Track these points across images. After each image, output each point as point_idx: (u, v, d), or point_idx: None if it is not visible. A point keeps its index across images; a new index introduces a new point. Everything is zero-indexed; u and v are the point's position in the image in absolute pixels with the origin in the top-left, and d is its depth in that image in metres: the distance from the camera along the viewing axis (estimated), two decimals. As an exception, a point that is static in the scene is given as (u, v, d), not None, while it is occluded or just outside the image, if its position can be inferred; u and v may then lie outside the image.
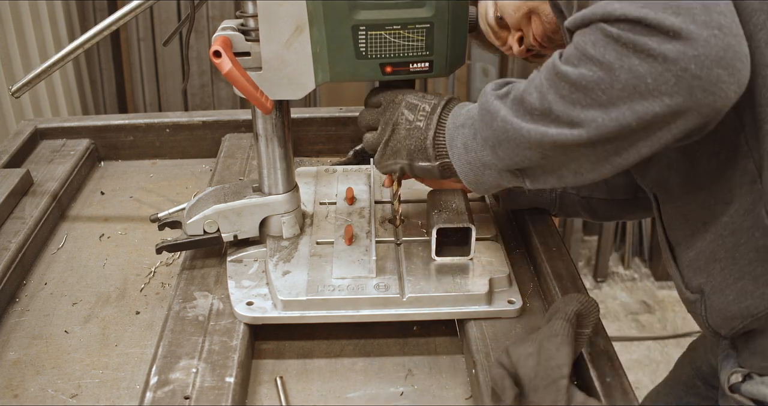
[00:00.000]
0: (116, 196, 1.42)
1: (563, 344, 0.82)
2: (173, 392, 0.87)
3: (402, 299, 0.98)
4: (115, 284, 1.15)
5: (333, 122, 1.54)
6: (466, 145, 0.89)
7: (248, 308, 0.99)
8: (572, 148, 0.78)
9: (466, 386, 0.94)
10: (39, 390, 0.94)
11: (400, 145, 0.95)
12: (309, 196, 1.23)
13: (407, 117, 0.95)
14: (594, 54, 0.73)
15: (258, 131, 1.05)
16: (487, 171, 0.88)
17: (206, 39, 3.00)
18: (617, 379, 0.86)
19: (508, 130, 0.81)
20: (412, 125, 0.94)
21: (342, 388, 0.94)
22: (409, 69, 0.96)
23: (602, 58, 0.72)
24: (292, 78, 0.95)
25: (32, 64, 2.63)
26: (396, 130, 0.95)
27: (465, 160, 0.89)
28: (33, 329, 1.05)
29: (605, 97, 0.73)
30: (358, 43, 0.93)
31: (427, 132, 0.93)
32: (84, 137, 1.52)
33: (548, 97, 0.78)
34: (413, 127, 0.94)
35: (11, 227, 1.21)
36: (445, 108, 0.94)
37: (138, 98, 3.15)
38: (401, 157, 0.95)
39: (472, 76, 3.13)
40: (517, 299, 1.00)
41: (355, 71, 0.95)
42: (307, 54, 0.94)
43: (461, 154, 0.89)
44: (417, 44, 0.94)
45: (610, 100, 0.73)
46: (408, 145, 0.94)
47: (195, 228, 1.09)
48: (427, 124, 0.93)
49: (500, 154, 0.84)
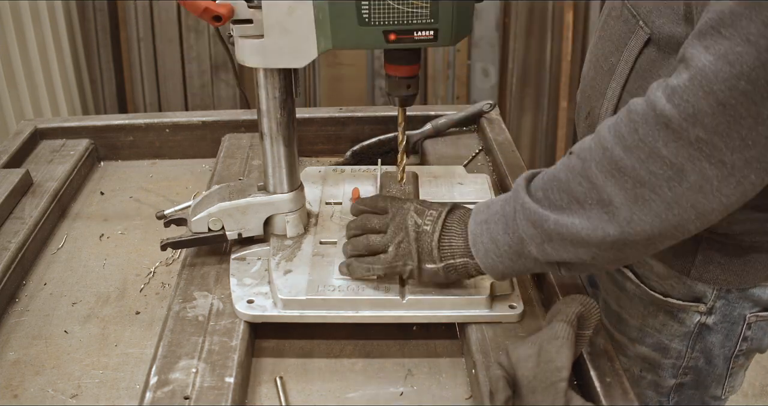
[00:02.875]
0: (116, 196, 1.42)
1: (564, 346, 0.82)
2: (173, 392, 0.87)
3: (402, 301, 0.98)
4: (114, 283, 1.15)
5: (333, 122, 1.54)
6: (495, 240, 0.89)
7: (248, 306, 0.99)
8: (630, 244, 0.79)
9: (466, 386, 0.94)
10: (39, 390, 0.94)
11: (410, 247, 0.96)
12: (315, 196, 1.22)
13: (416, 221, 0.97)
14: (666, 154, 0.74)
15: (263, 130, 1.05)
16: (521, 261, 0.89)
17: (206, 39, 3.01)
18: (617, 379, 0.86)
19: (563, 233, 0.82)
20: (420, 229, 0.96)
21: (342, 388, 0.94)
22: (413, 37, 0.94)
23: (674, 160, 0.74)
24: (295, 45, 0.94)
25: (32, 64, 2.63)
26: (407, 233, 0.97)
27: (495, 254, 0.90)
28: (33, 329, 1.05)
29: (671, 194, 0.75)
30: (361, 9, 0.92)
31: (433, 235, 0.95)
32: (84, 137, 1.52)
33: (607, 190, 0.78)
34: (421, 231, 0.96)
35: (11, 227, 1.21)
36: (450, 213, 0.96)
37: (138, 98, 3.15)
38: (411, 259, 0.96)
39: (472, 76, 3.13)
40: (519, 304, 1.00)
41: (358, 38, 0.94)
42: (310, 21, 0.93)
43: (490, 249, 0.90)
44: (422, 11, 0.92)
45: (675, 197, 0.75)
46: (417, 247, 0.96)
47: (200, 226, 1.09)
48: (434, 228, 0.95)
49: (548, 250, 0.85)
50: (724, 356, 1.10)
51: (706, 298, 1.06)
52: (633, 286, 1.12)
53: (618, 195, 0.77)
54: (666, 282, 1.07)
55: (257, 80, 1.02)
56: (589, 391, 0.87)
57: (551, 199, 0.84)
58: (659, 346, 1.13)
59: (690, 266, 1.03)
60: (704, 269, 1.03)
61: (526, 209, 0.85)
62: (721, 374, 1.12)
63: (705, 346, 1.10)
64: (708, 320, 1.07)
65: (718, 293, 1.05)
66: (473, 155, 1.45)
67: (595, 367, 0.88)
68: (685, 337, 1.10)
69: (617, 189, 0.77)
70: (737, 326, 1.07)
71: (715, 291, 1.05)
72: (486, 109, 1.55)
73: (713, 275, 1.03)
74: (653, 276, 1.08)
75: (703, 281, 1.04)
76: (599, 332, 0.93)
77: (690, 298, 1.07)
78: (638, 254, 0.82)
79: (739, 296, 1.05)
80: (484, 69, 3.11)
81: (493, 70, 3.09)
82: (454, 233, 0.94)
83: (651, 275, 1.09)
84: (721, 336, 1.08)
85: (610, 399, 0.84)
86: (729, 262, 1.02)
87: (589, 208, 0.80)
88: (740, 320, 1.06)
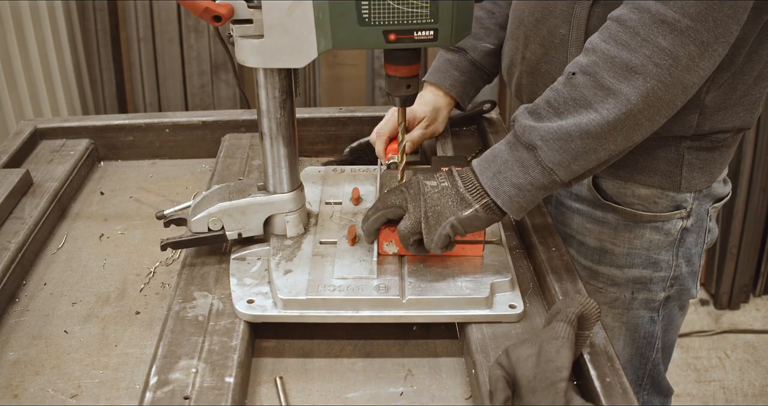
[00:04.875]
0: (116, 196, 1.42)
1: (564, 346, 0.82)
2: (173, 392, 0.87)
3: (402, 301, 0.98)
4: (114, 283, 1.15)
5: (333, 122, 1.54)
6: (516, 185, 0.97)
7: (248, 306, 0.99)
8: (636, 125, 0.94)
9: (466, 386, 0.94)
10: (39, 390, 0.94)
11: (439, 207, 0.99)
12: (315, 196, 1.22)
13: (431, 184, 1.01)
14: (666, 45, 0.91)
15: (263, 130, 1.05)
16: (542, 192, 0.98)
17: (206, 39, 3.00)
18: (617, 379, 0.86)
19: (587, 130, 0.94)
20: (440, 187, 1.00)
21: (342, 388, 0.94)
22: (413, 37, 0.95)
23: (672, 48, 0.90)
24: (295, 45, 0.95)
25: (32, 64, 2.63)
26: (427, 198, 0.99)
27: (519, 197, 0.97)
28: (33, 329, 1.05)
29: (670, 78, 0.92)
30: (361, 9, 0.92)
31: (456, 186, 0.99)
32: (84, 137, 1.52)
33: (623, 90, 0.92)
34: (441, 188, 1.00)
35: (11, 227, 1.21)
36: (456, 170, 1.02)
37: (138, 98, 3.15)
38: (445, 217, 0.98)
39: (472, 77, 3.13)
40: (519, 303, 1.00)
41: (358, 38, 0.94)
42: (310, 21, 0.93)
43: (513, 194, 0.97)
44: (422, 11, 0.93)
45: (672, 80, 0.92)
46: (446, 202, 0.98)
47: (199, 226, 1.09)
48: (452, 181, 1.00)
49: (574, 168, 0.96)
50: (698, 254, 1.27)
51: (686, 202, 1.20)
52: (616, 216, 1.23)
53: (632, 93, 0.92)
54: (649, 201, 1.21)
55: (257, 80, 1.02)
56: (589, 391, 0.87)
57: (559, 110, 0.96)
58: (649, 262, 1.25)
59: (679, 179, 1.18)
60: (690, 177, 1.18)
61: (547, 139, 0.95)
62: (695, 271, 1.29)
63: (686, 249, 1.25)
64: (687, 223, 1.22)
65: (695, 195, 1.20)
66: (473, 155, 1.45)
67: (595, 367, 0.88)
68: (671, 246, 1.24)
69: (631, 88, 0.92)
70: (704, 221, 1.24)
71: (693, 194, 1.20)
72: (486, 109, 1.55)
73: (697, 181, 1.18)
74: (636, 201, 1.21)
75: (690, 189, 1.19)
76: (598, 331, 0.93)
77: (672, 208, 1.21)
78: (642, 133, 0.96)
79: (705, 193, 1.21)
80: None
81: (493, 70, 3.09)
82: (469, 179, 1.00)
83: (633, 200, 1.21)
84: (695, 235, 1.24)
85: (610, 399, 0.84)
86: (706, 164, 1.17)
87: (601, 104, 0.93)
88: (705, 214, 1.23)
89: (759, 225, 2.79)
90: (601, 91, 0.93)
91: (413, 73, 1.02)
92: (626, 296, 1.29)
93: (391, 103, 1.07)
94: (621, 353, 1.34)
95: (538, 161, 0.96)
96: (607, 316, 1.31)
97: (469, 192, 0.99)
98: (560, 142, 0.95)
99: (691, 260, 1.27)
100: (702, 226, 1.24)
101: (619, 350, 1.34)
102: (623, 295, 1.29)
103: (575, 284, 1.03)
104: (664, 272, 1.26)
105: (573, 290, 1.02)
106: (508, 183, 0.97)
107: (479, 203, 0.98)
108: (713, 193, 1.23)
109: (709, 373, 2.58)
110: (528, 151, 0.97)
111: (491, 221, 1.00)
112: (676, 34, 0.89)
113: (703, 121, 1.11)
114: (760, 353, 2.68)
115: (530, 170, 0.97)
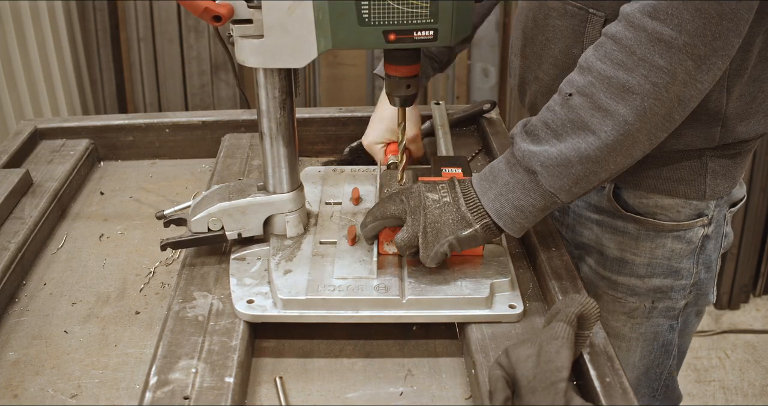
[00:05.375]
0: (116, 196, 1.42)
1: (563, 346, 0.82)
2: (173, 392, 0.87)
3: (401, 301, 0.98)
4: (114, 283, 1.15)
5: (333, 122, 1.54)
6: (518, 207, 0.97)
7: (248, 306, 0.99)
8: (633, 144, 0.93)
9: (466, 386, 0.94)
10: (39, 390, 0.94)
11: (439, 223, 0.98)
12: (315, 196, 1.22)
13: (432, 197, 1.00)
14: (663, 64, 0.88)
15: (263, 130, 1.05)
16: (543, 213, 0.99)
17: (206, 39, 3.00)
18: (617, 379, 0.86)
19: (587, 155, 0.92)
20: (441, 202, 0.99)
21: (342, 388, 0.94)
22: (413, 37, 0.95)
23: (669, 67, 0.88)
24: (295, 45, 0.94)
25: (32, 64, 2.63)
26: (428, 213, 0.99)
27: (521, 218, 0.98)
28: (33, 329, 1.05)
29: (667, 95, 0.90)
30: (361, 9, 0.92)
31: (458, 203, 0.99)
32: (84, 137, 1.52)
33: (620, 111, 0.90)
34: (442, 203, 0.99)
35: (11, 227, 1.21)
36: (459, 182, 1.02)
37: (138, 98, 3.15)
38: (444, 235, 0.98)
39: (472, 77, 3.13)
40: (518, 304, 1.00)
41: (358, 38, 0.94)
42: (310, 21, 0.93)
43: (515, 216, 0.98)
44: (421, 11, 0.92)
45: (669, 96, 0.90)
46: (446, 220, 0.98)
47: (199, 226, 1.09)
48: (454, 197, 0.99)
49: (575, 190, 0.96)
50: (715, 259, 1.25)
51: (708, 209, 1.18)
52: (637, 226, 1.20)
53: (630, 114, 0.90)
54: (672, 211, 1.18)
55: (257, 80, 1.02)
56: (589, 391, 0.87)
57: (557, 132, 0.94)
58: (670, 271, 1.23)
59: (704, 188, 1.15)
60: (714, 184, 1.15)
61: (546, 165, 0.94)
62: (713, 276, 1.27)
63: (706, 256, 1.23)
64: (708, 230, 1.20)
65: (717, 201, 1.18)
66: (473, 155, 1.45)
67: (595, 367, 0.88)
68: (692, 253, 1.21)
69: (627, 107, 0.90)
70: (721, 227, 1.22)
71: (715, 201, 1.17)
72: (486, 109, 1.55)
73: (721, 187, 1.16)
74: (659, 211, 1.18)
75: (714, 196, 1.16)
76: (598, 331, 0.93)
77: (695, 216, 1.18)
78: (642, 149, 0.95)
79: (725, 200, 1.19)
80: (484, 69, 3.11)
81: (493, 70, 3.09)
82: (471, 197, 0.99)
83: (656, 211, 1.18)
84: (714, 241, 1.22)
85: (609, 399, 0.84)
86: (728, 170, 1.15)
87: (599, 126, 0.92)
88: (723, 220, 1.21)
89: (759, 225, 2.79)
90: (598, 112, 0.91)
91: (413, 73, 1.02)
92: (646, 306, 1.26)
93: (391, 103, 1.06)
94: (637, 366, 1.31)
95: (539, 185, 0.96)
96: (625, 326, 1.29)
97: (471, 211, 0.98)
98: (560, 168, 0.94)
99: (710, 267, 1.25)
100: (720, 231, 1.23)
101: (635, 362, 1.31)
102: (643, 304, 1.26)
103: (575, 284, 1.03)
104: (684, 280, 1.24)
105: (573, 290, 1.02)
106: (510, 205, 0.97)
107: (479, 223, 0.98)
108: (731, 197, 1.21)
109: (709, 373, 2.58)
110: (528, 174, 0.96)
111: (488, 240, 1.00)
112: (673, 51, 0.87)
113: (726, 133, 1.09)
114: (760, 353, 2.68)
115: (531, 193, 0.96)
